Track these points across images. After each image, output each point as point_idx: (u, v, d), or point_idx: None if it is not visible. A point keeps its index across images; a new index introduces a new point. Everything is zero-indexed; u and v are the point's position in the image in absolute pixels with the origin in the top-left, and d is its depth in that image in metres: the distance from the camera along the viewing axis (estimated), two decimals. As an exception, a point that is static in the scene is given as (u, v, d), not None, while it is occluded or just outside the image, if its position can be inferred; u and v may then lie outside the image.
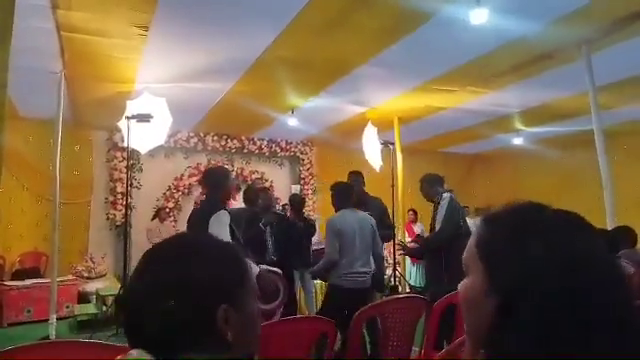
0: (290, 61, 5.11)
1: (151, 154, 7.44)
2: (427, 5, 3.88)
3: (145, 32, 4.31)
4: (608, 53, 4.71)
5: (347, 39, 4.58)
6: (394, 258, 6.49)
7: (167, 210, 8.43)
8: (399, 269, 6.72)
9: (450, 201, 4.04)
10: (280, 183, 9.68)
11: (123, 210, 7.34)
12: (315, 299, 5.79)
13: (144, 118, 5.25)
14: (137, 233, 8.01)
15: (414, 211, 8.69)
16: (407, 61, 5.14)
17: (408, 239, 7.33)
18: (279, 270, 3.81)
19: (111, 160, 8.25)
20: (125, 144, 5.63)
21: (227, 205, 3.69)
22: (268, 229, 5.03)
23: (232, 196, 7.94)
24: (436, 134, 9.00)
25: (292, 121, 7.41)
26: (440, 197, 4.11)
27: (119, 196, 8.09)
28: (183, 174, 8.83)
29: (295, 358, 2.24)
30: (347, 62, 5.22)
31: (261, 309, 3.09)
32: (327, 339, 2.39)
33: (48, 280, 5.55)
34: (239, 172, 9.36)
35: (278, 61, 5.09)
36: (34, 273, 6.75)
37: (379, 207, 4.91)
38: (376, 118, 7.21)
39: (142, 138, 5.70)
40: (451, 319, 3.31)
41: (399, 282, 6.58)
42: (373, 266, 4.05)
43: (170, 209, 8.55)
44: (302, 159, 10.03)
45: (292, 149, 9.91)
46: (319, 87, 6.11)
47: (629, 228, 4.03)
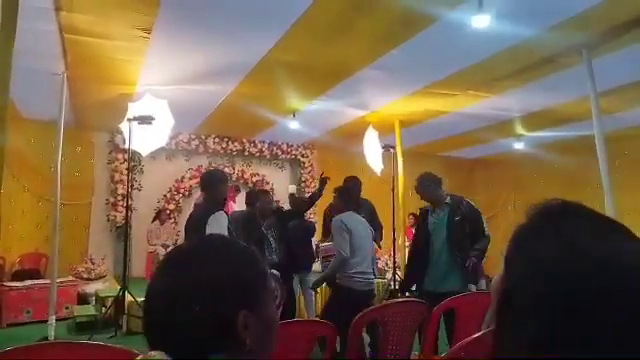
0: (292, 64, 5.12)
1: (152, 156, 7.46)
2: (429, 10, 3.89)
3: (147, 35, 4.32)
4: (609, 58, 4.71)
5: (349, 43, 4.58)
6: (394, 262, 6.48)
7: (168, 212, 8.44)
8: (399, 273, 6.71)
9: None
10: (281, 186, 9.69)
11: (124, 212, 7.34)
12: (315, 302, 5.78)
13: (146, 120, 5.26)
14: (137, 235, 8.02)
15: (414, 215, 8.68)
16: (408, 65, 5.14)
17: (407, 243, 7.32)
18: (276, 272, 3.82)
19: (112, 162, 8.27)
20: (126, 146, 5.64)
21: (225, 207, 3.72)
22: (270, 232, 5.03)
23: (231, 198, 7.97)
24: (437, 138, 9.00)
25: (293, 124, 7.42)
26: (457, 199, 4.00)
27: (120, 198, 8.11)
28: (184, 176, 8.85)
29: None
30: (349, 66, 5.23)
31: None
32: (326, 342, 2.38)
33: (48, 281, 5.54)
34: (240, 175, 9.37)
35: (280, 64, 5.10)
36: (34, 274, 6.75)
37: (369, 208, 4.97)
38: (377, 122, 7.21)
39: (143, 140, 5.71)
40: (451, 323, 3.31)
41: (398, 286, 6.56)
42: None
43: (171, 211, 8.56)
44: (303, 162, 10.04)
45: (293, 152, 9.92)
46: (320, 90, 6.12)
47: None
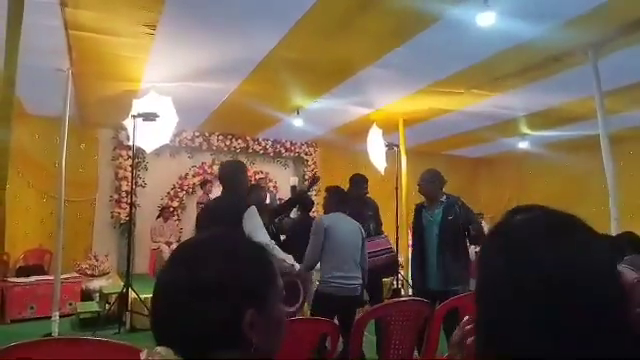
0: (296, 62, 5.12)
1: (156, 153, 7.47)
2: (433, 7, 3.87)
3: (152, 31, 4.33)
4: (615, 58, 4.68)
5: (353, 41, 4.58)
6: (396, 261, 6.47)
7: (171, 209, 8.45)
8: (402, 272, 6.70)
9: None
10: (284, 183, 9.68)
11: (128, 208, 7.34)
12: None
13: (150, 117, 5.27)
14: (141, 232, 8.04)
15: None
16: (413, 63, 5.13)
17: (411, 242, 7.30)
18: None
19: (116, 158, 8.29)
20: (131, 143, 5.65)
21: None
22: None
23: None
24: (441, 137, 8.98)
25: (297, 122, 7.42)
26: (452, 199, 3.98)
27: (124, 194, 8.12)
28: (188, 173, 8.86)
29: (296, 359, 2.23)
30: (352, 64, 5.22)
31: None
32: (328, 340, 2.38)
33: (52, 277, 5.56)
34: (243, 172, 9.36)
35: (284, 62, 5.09)
36: (38, 270, 6.77)
37: (375, 206, 4.97)
38: (381, 120, 7.21)
39: (148, 137, 5.73)
40: (454, 322, 3.29)
41: (402, 285, 6.57)
42: (358, 274, 3.76)
43: (174, 208, 8.58)
44: (306, 160, 10.03)
45: (297, 150, 9.92)
46: (324, 88, 6.12)
47: (634, 234, 4.00)
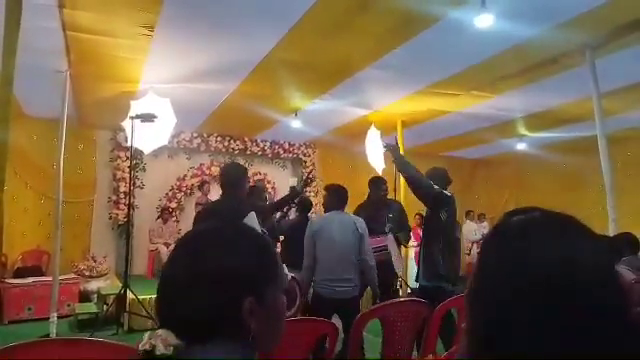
0: (294, 63, 5.12)
1: (154, 154, 7.46)
2: (432, 9, 3.88)
3: (151, 32, 4.32)
4: (612, 59, 4.70)
5: (351, 42, 4.58)
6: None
7: (170, 210, 8.45)
8: (400, 272, 6.70)
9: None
10: (283, 185, 9.68)
11: (126, 210, 7.35)
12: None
13: (148, 118, 5.27)
14: (139, 233, 8.04)
15: (421, 215, 8.68)
16: (411, 64, 5.14)
17: (414, 243, 7.31)
18: (295, 276, 3.77)
19: (114, 160, 8.28)
20: (129, 144, 5.64)
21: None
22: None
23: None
24: (439, 138, 8.99)
25: (295, 123, 7.42)
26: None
27: (122, 195, 8.11)
28: (186, 175, 8.86)
29: (295, 358, 2.24)
30: (351, 65, 5.23)
31: None
32: (327, 340, 2.39)
33: (50, 278, 5.55)
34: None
35: (282, 63, 5.10)
36: (36, 271, 6.76)
37: (399, 209, 5.02)
38: (379, 121, 7.21)
39: (146, 138, 5.72)
40: (453, 323, 3.30)
41: (400, 286, 6.56)
42: (352, 275, 3.70)
43: (173, 209, 8.57)
44: (305, 161, 10.04)
45: (295, 151, 9.92)
46: (323, 89, 6.12)
47: (632, 235, 4.01)
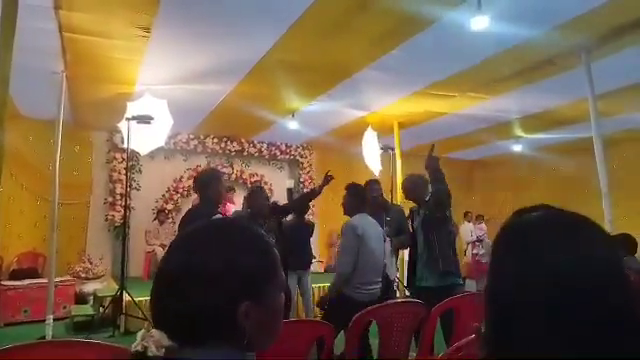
0: (291, 64, 5.12)
1: (151, 156, 7.45)
2: (428, 11, 3.90)
3: (147, 33, 4.32)
4: (608, 61, 4.73)
5: (348, 43, 4.59)
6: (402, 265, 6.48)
7: (166, 212, 8.43)
8: (398, 274, 6.70)
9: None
10: (279, 186, 9.68)
11: (122, 211, 7.34)
12: (313, 302, 5.77)
13: (144, 119, 5.25)
14: (136, 234, 8.00)
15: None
16: (408, 66, 5.15)
17: None
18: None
19: (111, 161, 8.26)
20: (125, 145, 5.63)
21: (221, 208, 3.64)
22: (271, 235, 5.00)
23: (228, 199, 7.92)
24: (436, 139, 8.93)
25: (292, 124, 7.42)
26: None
27: (118, 197, 8.09)
28: (182, 176, 8.84)
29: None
30: (348, 66, 5.24)
31: None
32: (325, 342, 2.38)
33: (45, 280, 5.53)
34: (239, 175, 9.36)
35: (279, 64, 5.10)
36: (32, 273, 6.73)
37: (400, 213, 4.91)
38: (376, 122, 7.22)
39: (142, 139, 5.70)
40: (450, 323, 3.30)
41: (397, 287, 6.57)
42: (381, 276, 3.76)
43: (169, 211, 8.55)
44: (302, 163, 10.04)
45: (292, 152, 9.92)
46: (320, 91, 6.12)
47: (629, 235, 4.03)
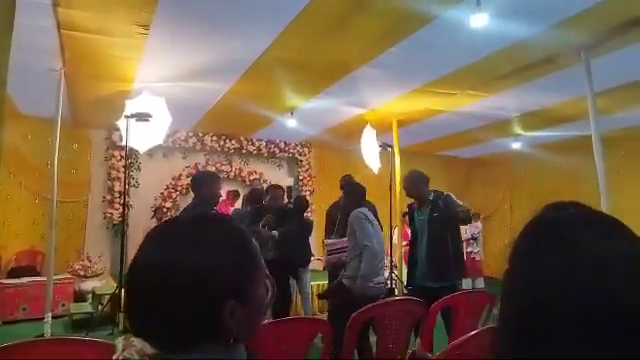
0: (290, 62, 5.11)
1: (149, 153, 7.44)
2: (427, 8, 3.89)
3: (146, 31, 4.31)
4: (607, 59, 4.72)
5: (347, 41, 4.58)
6: (391, 260, 6.49)
7: (164, 210, 8.42)
8: (395, 272, 6.72)
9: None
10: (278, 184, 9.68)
11: (120, 209, 7.33)
12: (311, 300, 5.78)
13: (143, 117, 5.25)
14: (134, 232, 7.99)
15: (406, 214, 8.69)
16: (407, 63, 5.14)
17: (403, 242, 7.33)
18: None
19: (109, 159, 8.25)
20: (123, 143, 5.63)
21: (217, 209, 3.66)
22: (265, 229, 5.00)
23: (230, 203, 7.94)
24: (435, 137, 9.01)
25: (291, 122, 7.41)
26: (436, 196, 3.98)
27: (117, 195, 8.09)
28: (181, 174, 8.83)
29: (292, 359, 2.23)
30: (347, 64, 5.23)
31: None
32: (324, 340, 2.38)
33: (44, 278, 5.53)
34: (237, 173, 9.36)
35: (278, 62, 5.09)
36: (30, 271, 6.74)
37: (372, 209, 4.92)
38: (375, 120, 7.22)
39: (141, 137, 5.70)
40: (448, 321, 3.31)
41: (395, 285, 6.58)
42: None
43: (168, 209, 8.54)
44: (300, 160, 10.03)
45: (291, 150, 9.91)
46: (318, 88, 6.11)
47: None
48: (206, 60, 5.06)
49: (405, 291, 5.22)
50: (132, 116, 5.26)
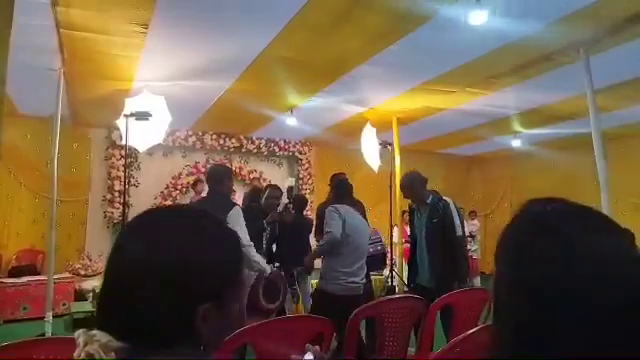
0: (289, 60, 5.11)
1: (149, 152, 7.44)
2: (427, 6, 3.88)
3: (145, 30, 4.30)
4: (607, 56, 4.71)
5: (347, 39, 4.57)
6: (391, 258, 6.49)
7: (165, 209, 8.42)
8: (395, 270, 6.72)
9: (455, 205, 3.96)
10: (278, 183, 9.59)
11: (120, 208, 7.32)
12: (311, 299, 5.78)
13: (143, 116, 5.23)
14: (134, 231, 8.00)
15: (406, 212, 8.68)
16: (406, 61, 5.14)
17: (402, 240, 7.33)
18: (274, 268, 3.79)
19: (109, 158, 8.25)
20: (123, 142, 5.62)
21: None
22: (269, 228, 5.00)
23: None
24: (435, 135, 9.01)
25: (291, 121, 7.40)
26: (435, 199, 3.95)
27: (117, 194, 8.09)
28: (181, 173, 8.84)
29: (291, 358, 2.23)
30: (346, 62, 5.22)
31: (265, 307, 3.07)
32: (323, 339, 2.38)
33: (45, 277, 5.53)
34: (237, 171, 9.35)
35: (277, 60, 5.08)
36: (30, 270, 6.74)
37: (362, 209, 4.93)
38: (375, 118, 7.21)
39: (140, 136, 5.69)
40: (448, 319, 3.31)
41: (396, 283, 6.58)
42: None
43: (168, 208, 8.54)
44: (300, 159, 10.03)
45: (291, 149, 9.91)
46: (318, 87, 6.11)
47: (626, 230, 4.03)
48: (206, 58, 5.06)
49: (406, 289, 5.23)
50: (132, 115, 5.25)
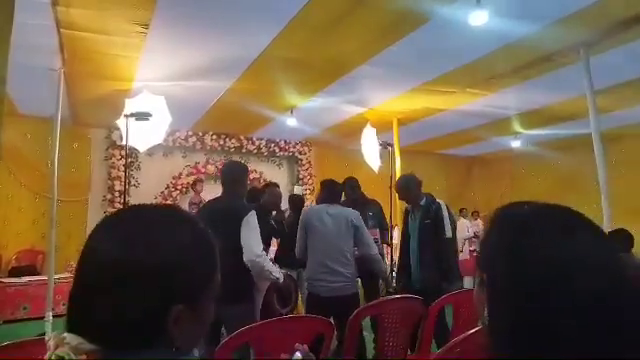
0: (289, 61, 5.11)
1: (149, 153, 7.43)
2: (427, 6, 3.89)
3: (145, 30, 4.30)
4: (606, 56, 4.72)
5: (347, 39, 4.58)
6: (391, 259, 6.48)
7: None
8: (396, 270, 6.70)
9: (447, 209, 3.96)
10: (279, 183, 9.65)
11: (121, 208, 7.32)
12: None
13: (143, 116, 5.23)
14: (134, 232, 8.00)
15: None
16: (406, 62, 5.14)
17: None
18: (292, 275, 3.78)
19: (109, 158, 8.24)
20: (124, 142, 5.61)
21: None
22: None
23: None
24: (435, 136, 9.01)
25: (291, 121, 7.40)
26: (429, 201, 3.95)
27: (117, 194, 8.08)
28: (181, 173, 8.83)
29: (290, 357, 2.23)
30: (347, 62, 5.22)
31: (279, 311, 3.07)
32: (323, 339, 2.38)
33: (45, 277, 5.53)
34: (237, 171, 9.34)
35: (277, 60, 5.08)
36: (30, 270, 6.74)
37: (378, 209, 4.94)
38: (375, 119, 7.21)
39: (141, 136, 5.69)
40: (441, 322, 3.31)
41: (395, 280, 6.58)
42: (349, 269, 3.58)
43: (168, 208, 8.54)
44: (301, 159, 10.02)
45: (291, 149, 9.90)
46: (318, 87, 6.11)
47: (626, 231, 4.03)
48: (206, 59, 5.06)
49: (391, 289, 5.22)
50: (132, 115, 5.25)
